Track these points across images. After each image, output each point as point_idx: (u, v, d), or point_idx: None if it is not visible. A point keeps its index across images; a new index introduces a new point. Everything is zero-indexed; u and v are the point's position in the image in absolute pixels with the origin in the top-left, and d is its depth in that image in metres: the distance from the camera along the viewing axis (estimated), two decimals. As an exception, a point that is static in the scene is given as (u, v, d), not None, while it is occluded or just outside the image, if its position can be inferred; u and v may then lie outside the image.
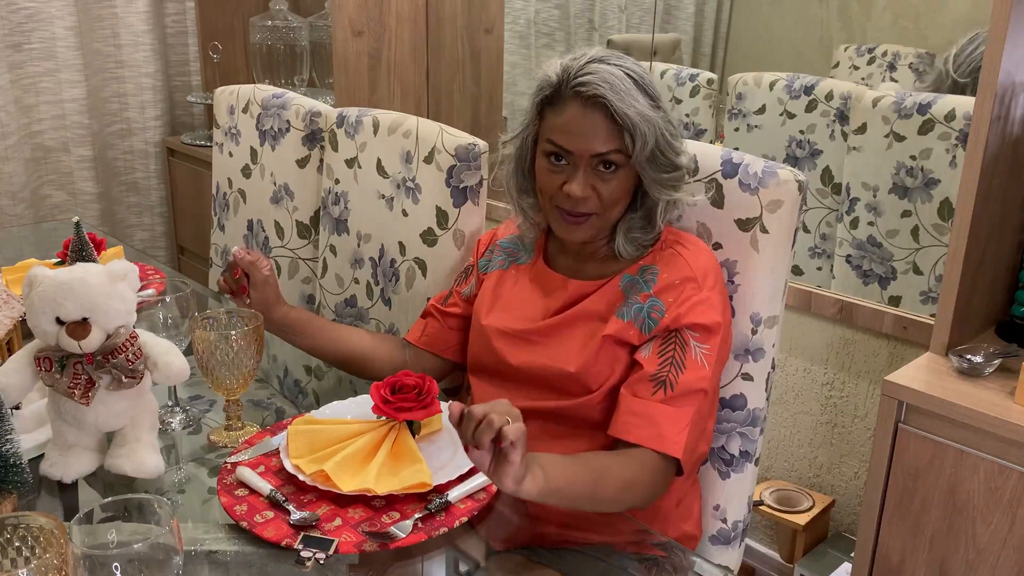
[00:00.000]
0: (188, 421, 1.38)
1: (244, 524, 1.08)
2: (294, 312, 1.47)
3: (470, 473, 1.17)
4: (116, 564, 0.82)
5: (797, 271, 2.08)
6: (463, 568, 1.16)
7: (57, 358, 1.14)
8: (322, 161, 1.87)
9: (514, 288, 1.38)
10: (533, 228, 1.37)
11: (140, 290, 1.21)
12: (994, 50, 1.32)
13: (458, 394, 1.57)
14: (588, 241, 1.30)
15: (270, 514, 1.10)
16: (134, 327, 1.19)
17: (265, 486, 1.15)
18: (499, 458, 0.96)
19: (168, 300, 1.36)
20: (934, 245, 1.86)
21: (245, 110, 2.05)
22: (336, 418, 1.29)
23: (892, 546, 1.44)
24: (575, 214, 1.24)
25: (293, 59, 2.99)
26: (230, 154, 2.11)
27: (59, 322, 1.11)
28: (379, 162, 1.71)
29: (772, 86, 2.13)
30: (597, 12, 2.62)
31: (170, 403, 1.39)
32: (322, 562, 1.02)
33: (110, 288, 1.13)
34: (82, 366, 1.14)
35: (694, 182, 1.32)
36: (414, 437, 1.23)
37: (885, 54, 1.97)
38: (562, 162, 1.23)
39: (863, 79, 2.00)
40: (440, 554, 1.11)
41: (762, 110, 2.16)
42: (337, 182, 1.81)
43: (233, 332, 1.25)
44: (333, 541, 1.05)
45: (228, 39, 3.22)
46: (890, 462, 1.41)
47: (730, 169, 1.30)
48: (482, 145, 1.56)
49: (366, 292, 1.79)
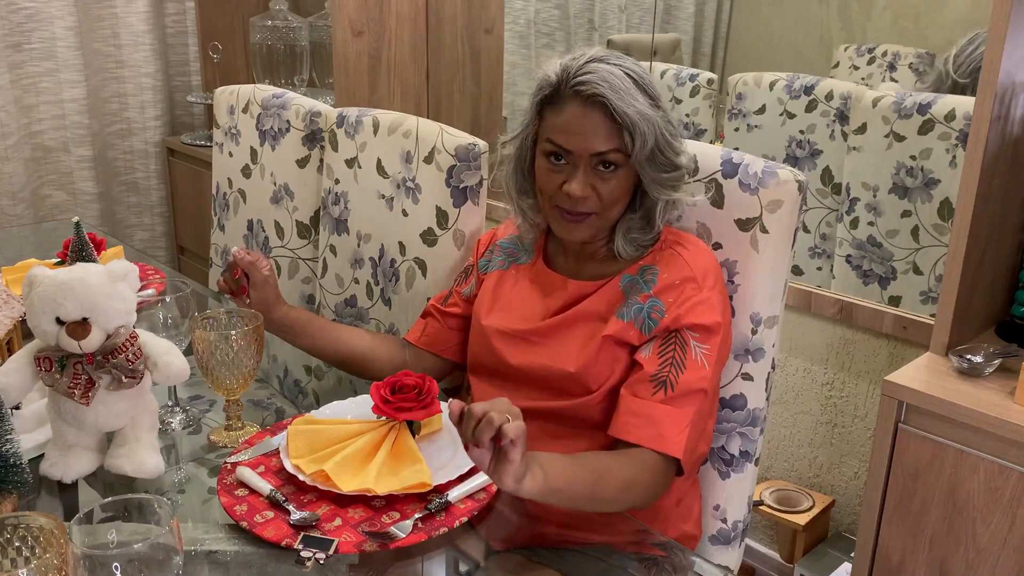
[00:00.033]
0: (188, 421, 1.38)
1: (244, 524, 1.08)
2: (294, 312, 1.47)
3: (470, 473, 1.17)
4: (116, 564, 0.82)
5: (797, 271, 2.08)
6: (463, 568, 1.16)
7: (57, 358, 1.14)
8: (322, 161, 1.87)
9: (514, 288, 1.38)
10: (532, 229, 1.37)
11: (140, 290, 1.21)
12: (994, 50, 1.32)
13: (458, 394, 1.57)
14: (588, 241, 1.30)
15: (270, 514, 1.10)
16: (134, 327, 1.19)
17: (265, 486, 1.15)
18: (499, 456, 0.95)
19: (168, 300, 1.36)
20: (934, 245, 1.86)
21: (245, 110, 2.05)
22: (336, 418, 1.29)
23: (892, 546, 1.44)
24: (575, 213, 1.24)
25: (293, 59, 2.99)
26: (230, 154, 2.11)
27: (59, 322, 1.11)
28: (379, 162, 1.71)
29: (772, 86, 2.13)
30: (597, 12, 2.62)
31: (170, 403, 1.39)
32: (322, 562, 1.02)
33: (110, 288, 1.13)
34: (82, 366, 1.14)
35: (694, 182, 1.32)
36: (414, 437, 1.23)
37: (885, 54, 1.97)
38: (562, 162, 1.23)
39: (863, 79, 2.00)
40: (440, 554, 1.11)
41: (762, 110, 2.16)
42: (337, 182, 1.81)
43: (233, 332, 1.25)
44: (333, 541, 1.05)
45: (228, 39, 3.22)
46: (890, 462, 1.41)
47: (730, 169, 1.30)
48: (482, 145, 1.56)
49: (366, 292, 1.79)
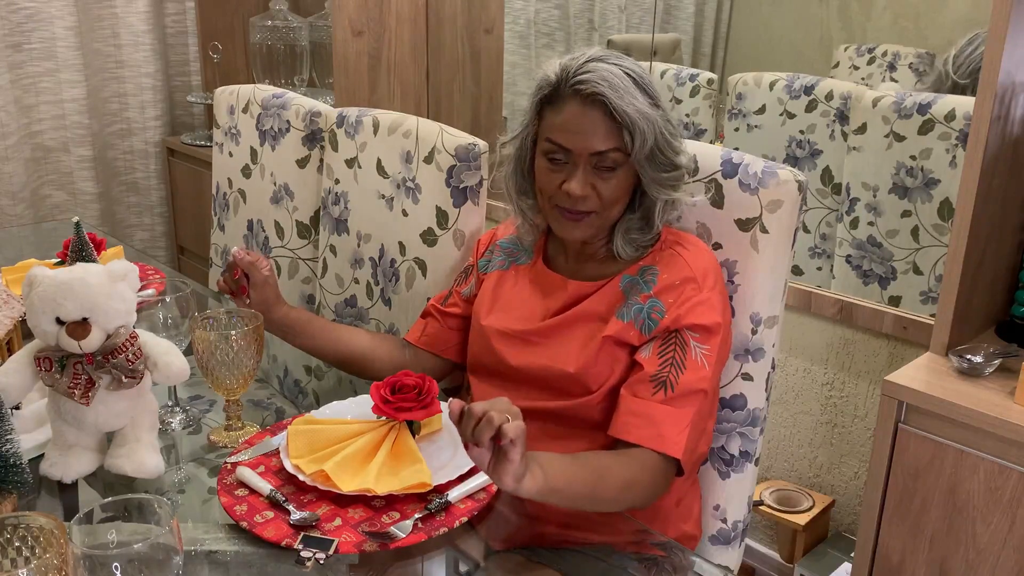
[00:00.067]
0: (188, 421, 1.38)
1: (244, 524, 1.08)
2: (294, 312, 1.47)
3: (470, 473, 1.17)
4: (116, 564, 0.82)
5: (797, 271, 2.08)
6: (463, 568, 1.16)
7: (57, 358, 1.14)
8: (322, 161, 1.87)
9: (514, 289, 1.38)
10: (532, 230, 1.37)
11: (140, 290, 1.21)
12: (994, 50, 1.32)
13: (458, 394, 1.57)
14: (587, 240, 1.30)
15: (270, 514, 1.10)
16: (134, 327, 1.19)
17: (265, 486, 1.15)
18: (499, 456, 0.95)
19: (168, 300, 1.36)
20: (934, 245, 1.86)
21: (245, 110, 2.05)
22: (336, 418, 1.29)
23: (892, 546, 1.44)
24: (574, 212, 1.24)
25: (293, 59, 2.99)
26: (230, 154, 2.11)
27: (59, 322, 1.11)
28: (379, 162, 1.71)
29: (772, 86, 2.13)
30: (597, 12, 2.62)
31: (170, 403, 1.39)
32: (322, 562, 1.02)
33: (110, 288, 1.13)
34: (82, 366, 1.14)
35: (694, 182, 1.32)
36: (414, 437, 1.23)
37: (885, 54, 1.97)
38: (561, 161, 1.23)
39: (863, 79, 2.00)
40: (440, 554, 1.11)
41: (762, 110, 2.16)
42: (337, 182, 1.81)
43: (233, 332, 1.25)
44: (333, 541, 1.05)
45: (228, 39, 3.22)
46: (890, 462, 1.41)
47: (730, 169, 1.30)
48: (482, 145, 1.56)
49: (366, 292, 1.79)
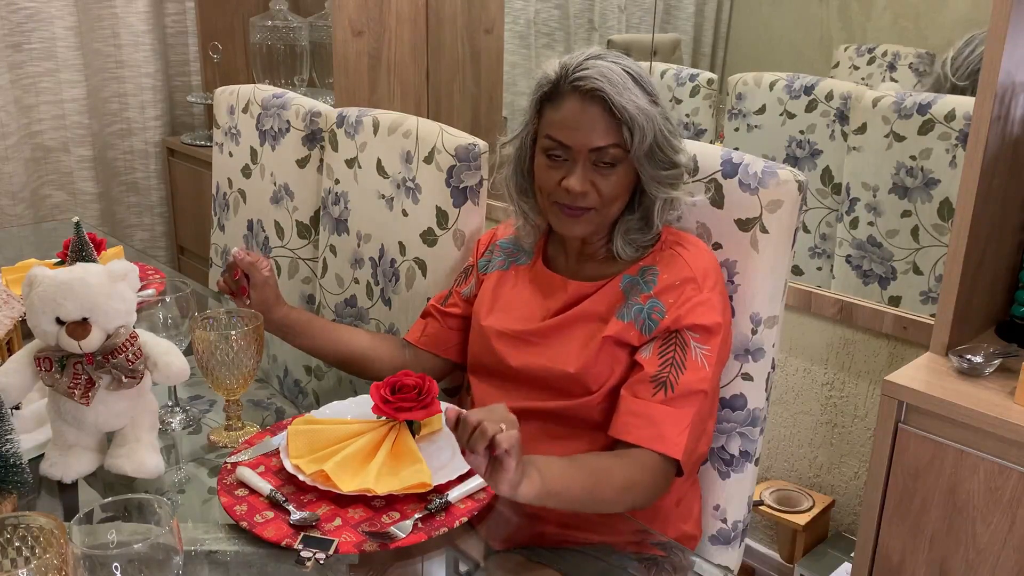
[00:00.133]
0: (188, 421, 1.38)
1: (244, 524, 1.08)
2: (294, 313, 1.47)
3: (470, 473, 1.16)
4: (116, 564, 0.82)
5: (797, 271, 2.08)
6: (463, 568, 1.16)
7: (57, 358, 1.14)
8: (322, 161, 1.87)
9: (514, 289, 1.38)
10: (533, 231, 1.37)
11: (140, 290, 1.21)
12: (994, 50, 1.32)
13: (458, 394, 1.57)
14: (587, 238, 1.30)
15: (270, 514, 1.10)
16: (134, 327, 1.19)
17: (265, 486, 1.15)
18: (494, 464, 0.96)
19: (168, 300, 1.36)
20: (934, 245, 1.86)
21: (245, 110, 2.05)
22: (336, 418, 1.29)
23: (892, 546, 1.44)
24: (574, 208, 1.24)
25: (293, 59, 2.99)
26: (230, 154, 2.11)
27: (59, 322, 1.11)
28: (379, 162, 1.71)
29: (772, 86, 2.13)
30: (597, 12, 2.62)
31: (170, 403, 1.39)
32: (322, 562, 1.02)
33: (110, 288, 1.13)
34: (82, 366, 1.14)
35: (694, 182, 1.32)
36: (414, 437, 1.23)
37: (885, 54, 1.97)
38: (561, 158, 1.23)
39: (863, 79, 2.00)
40: (440, 554, 1.11)
41: (762, 110, 2.16)
42: (337, 182, 1.81)
43: (233, 332, 1.25)
44: (333, 541, 1.05)
45: (228, 39, 3.22)
46: (890, 462, 1.41)
47: (730, 169, 1.30)
48: (482, 145, 1.56)
49: (366, 292, 1.79)
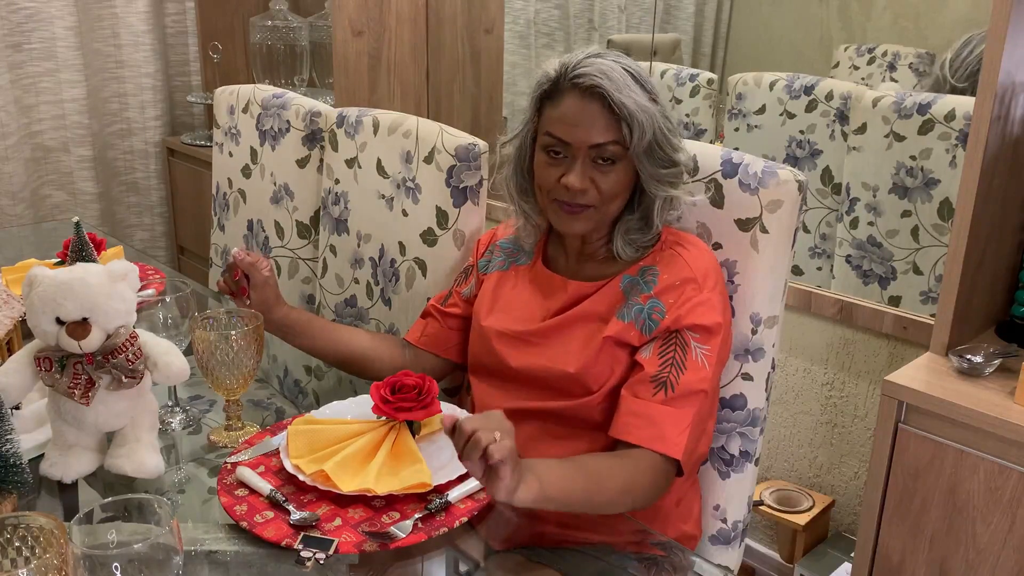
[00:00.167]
0: (188, 421, 1.38)
1: (244, 524, 1.08)
2: (294, 313, 1.47)
3: (470, 473, 1.17)
4: (116, 564, 0.82)
5: (797, 271, 2.08)
6: (463, 568, 1.16)
7: (57, 358, 1.14)
8: (322, 161, 1.87)
9: (514, 290, 1.38)
10: (533, 232, 1.37)
11: (140, 290, 1.21)
12: (994, 50, 1.32)
13: (458, 394, 1.57)
14: (587, 237, 1.29)
15: (270, 514, 1.10)
16: (134, 327, 1.19)
17: (265, 486, 1.15)
18: (490, 472, 0.96)
19: (168, 300, 1.36)
20: (934, 245, 1.86)
21: (245, 110, 2.05)
22: (336, 418, 1.29)
23: (892, 546, 1.44)
24: (573, 204, 1.24)
25: (293, 59, 2.99)
26: (230, 154, 2.11)
27: (59, 322, 1.11)
28: (379, 162, 1.71)
29: (772, 86, 2.13)
30: (597, 12, 2.62)
31: (170, 403, 1.39)
32: (322, 562, 1.02)
33: (110, 288, 1.13)
34: (82, 366, 1.14)
35: (694, 182, 1.32)
36: (414, 437, 1.23)
37: (885, 54, 1.97)
38: (560, 155, 1.23)
39: (863, 79, 2.00)
40: (440, 554, 1.11)
41: (762, 110, 2.16)
42: (337, 182, 1.81)
43: (233, 332, 1.25)
44: (333, 541, 1.05)
45: (228, 39, 3.22)
46: (890, 462, 1.41)
47: (730, 169, 1.30)
48: (482, 145, 1.56)
49: (366, 292, 1.79)
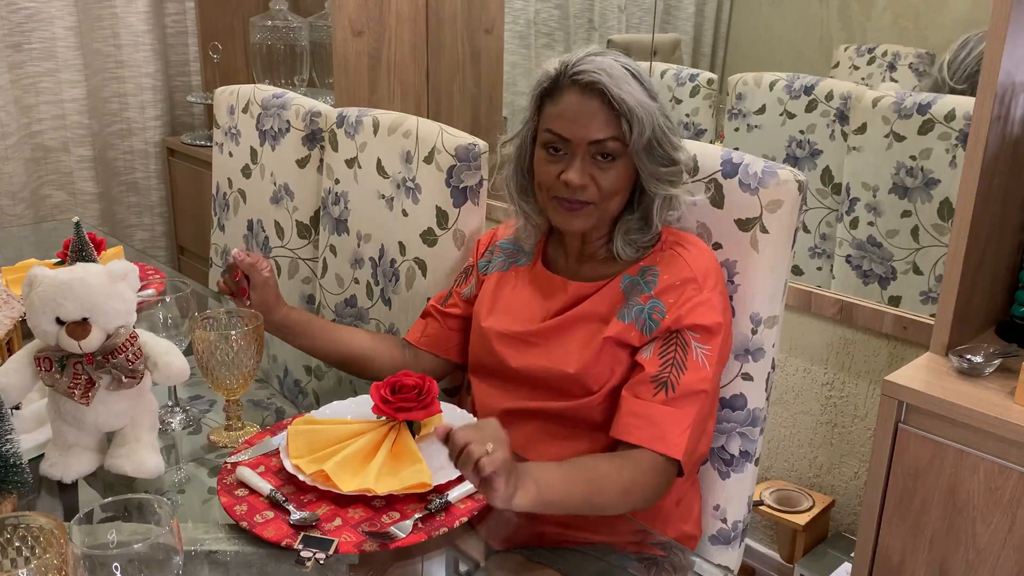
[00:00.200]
0: (188, 421, 1.38)
1: (244, 524, 1.08)
2: (294, 313, 1.47)
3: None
4: (116, 564, 0.82)
5: (797, 271, 2.08)
6: (463, 568, 1.16)
7: (57, 358, 1.14)
8: (322, 161, 1.87)
9: (514, 290, 1.38)
10: (533, 232, 1.37)
11: (140, 290, 1.21)
12: (994, 50, 1.32)
13: (458, 394, 1.57)
14: (587, 237, 1.29)
15: (270, 514, 1.10)
16: (134, 327, 1.19)
17: (265, 486, 1.15)
18: (485, 482, 0.96)
19: (168, 300, 1.36)
20: (934, 245, 1.86)
21: (245, 110, 2.05)
22: (336, 418, 1.29)
23: (892, 546, 1.44)
24: (573, 201, 1.24)
25: (293, 59, 2.99)
26: (230, 154, 2.11)
27: (59, 322, 1.11)
28: (379, 162, 1.71)
29: (772, 86, 2.13)
30: (597, 12, 2.62)
31: (170, 403, 1.39)
32: (322, 562, 1.02)
33: (110, 288, 1.13)
34: (82, 366, 1.14)
35: (694, 182, 1.32)
36: (414, 437, 1.23)
37: (885, 54, 1.97)
38: (560, 151, 1.24)
39: (863, 79, 2.00)
40: (440, 554, 1.11)
41: (762, 110, 2.16)
42: (337, 182, 1.81)
43: (233, 332, 1.25)
44: (333, 541, 1.05)
45: (228, 39, 3.22)
46: (890, 462, 1.41)
47: (730, 169, 1.30)
48: (482, 145, 1.57)
49: (366, 292, 1.79)
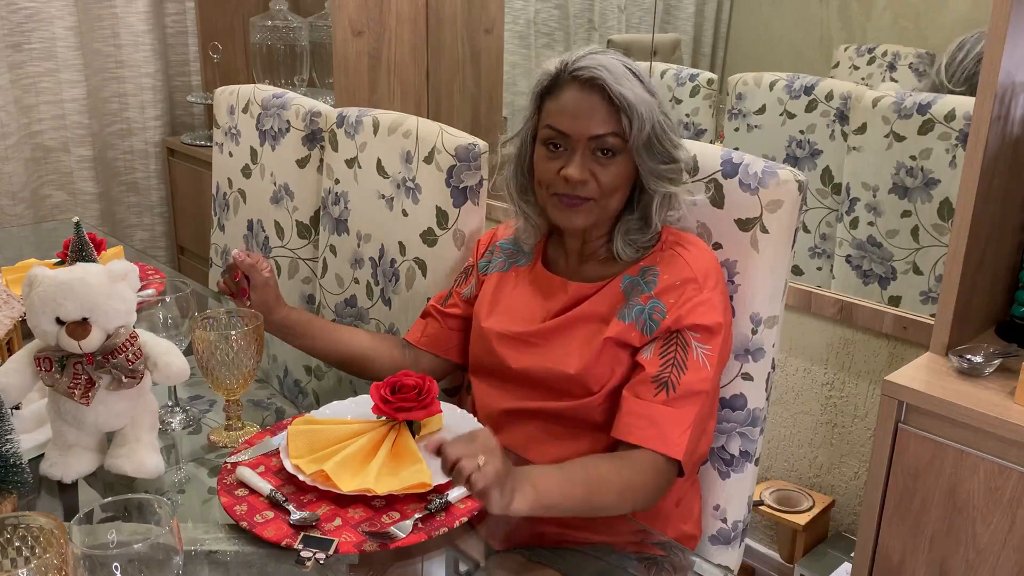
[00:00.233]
0: (188, 421, 1.38)
1: (244, 524, 1.08)
2: (294, 313, 1.47)
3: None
4: (116, 564, 0.82)
5: (797, 271, 2.08)
6: (463, 568, 1.16)
7: (57, 358, 1.14)
8: (322, 161, 1.87)
9: (514, 291, 1.38)
10: (533, 232, 1.37)
11: (140, 290, 1.21)
12: (994, 50, 1.32)
13: (458, 394, 1.57)
14: (587, 236, 1.29)
15: (270, 514, 1.10)
16: (134, 327, 1.19)
17: (265, 486, 1.15)
18: (480, 494, 0.97)
19: (168, 300, 1.36)
20: (934, 245, 1.86)
21: (245, 110, 2.05)
22: (336, 418, 1.29)
23: (892, 546, 1.44)
24: (572, 197, 1.24)
25: (293, 59, 2.99)
26: (230, 154, 2.11)
27: (59, 322, 1.11)
28: (379, 162, 1.71)
29: (772, 86, 2.13)
30: (597, 12, 2.62)
31: (170, 403, 1.39)
32: (322, 562, 1.02)
33: (110, 288, 1.13)
34: (82, 366, 1.14)
35: (694, 182, 1.32)
36: (414, 437, 1.23)
37: (885, 54, 1.97)
38: (560, 148, 1.24)
39: (863, 79, 2.00)
40: (440, 554, 1.11)
41: (762, 110, 2.16)
42: (337, 182, 1.81)
43: (233, 332, 1.25)
44: (333, 541, 1.05)
45: (228, 39, 3.22)
46: (890, 462, 1.41)
47: (730, 169, 1.30)
48: (482, 145, 1.57)
49: (366, 292, 1.79)
